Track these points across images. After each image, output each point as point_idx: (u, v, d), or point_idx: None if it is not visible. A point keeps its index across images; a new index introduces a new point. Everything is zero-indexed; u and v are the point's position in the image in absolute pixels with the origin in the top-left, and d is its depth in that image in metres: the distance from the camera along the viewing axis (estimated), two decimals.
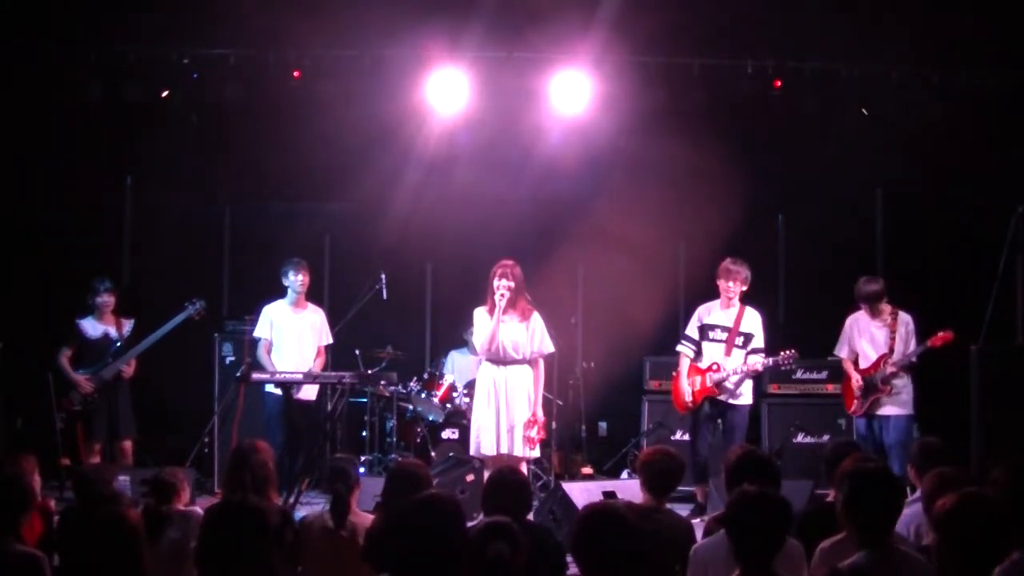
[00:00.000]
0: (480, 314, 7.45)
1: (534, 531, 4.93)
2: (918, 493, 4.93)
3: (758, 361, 7.98)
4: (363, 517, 5.10)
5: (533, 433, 7.31)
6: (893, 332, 8.11)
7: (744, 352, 8.01)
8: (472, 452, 7.52)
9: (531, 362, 7.42)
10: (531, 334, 7.39)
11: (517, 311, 7.36)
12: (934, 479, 4.49)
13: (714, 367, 7.99)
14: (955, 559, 3.36)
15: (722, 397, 7.97)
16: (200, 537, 3.63)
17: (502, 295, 7.27)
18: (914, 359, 8.06)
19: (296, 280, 8.54)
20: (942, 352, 7.89)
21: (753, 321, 8.08)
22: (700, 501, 8.03)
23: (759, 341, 8.05)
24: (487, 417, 7.34)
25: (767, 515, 3.70)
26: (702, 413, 8.05)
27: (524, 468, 7.24)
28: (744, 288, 8.08)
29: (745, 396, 8.02)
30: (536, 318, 7.43)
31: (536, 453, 7.55)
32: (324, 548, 4.97)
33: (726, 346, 8.01)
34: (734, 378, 7.94)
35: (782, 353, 8.00)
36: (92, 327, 8.69)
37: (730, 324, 8.05)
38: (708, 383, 7.98)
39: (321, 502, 5.20)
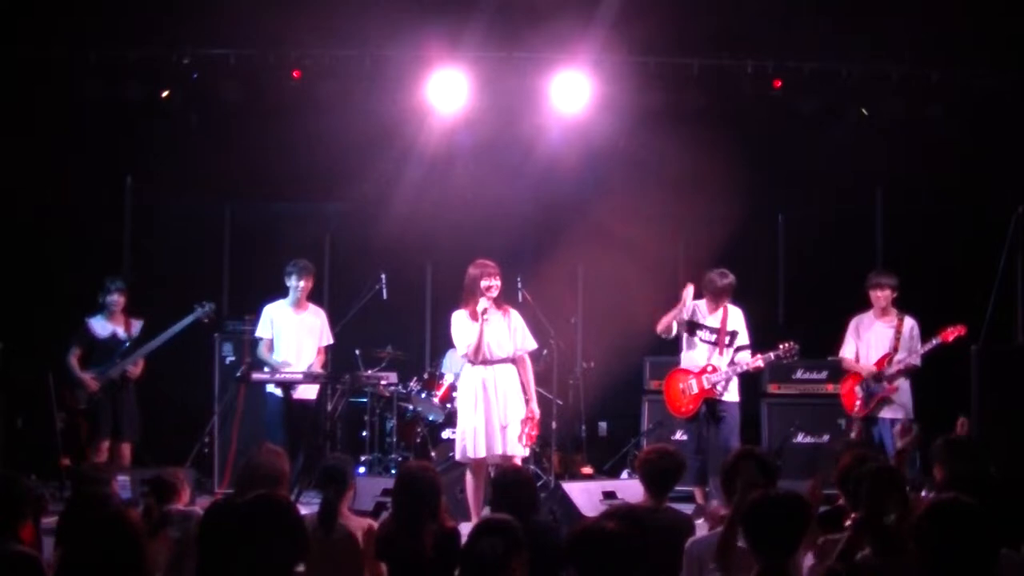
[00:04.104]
0: (461, 317, 7.38)
1: (537, 528, 4.93)
2: None
3: (745, 359, 7.97)
4: (353, 520, 5.09)
5: (528, 430, 7.26)
6: (899, 333, 8.11)
7: (731, 350, 8.03)
8: (458, 457, 7.39)
9: (516, 360, 7.37)
10: (513, 332, 7.34)
11: (499, 308, 7.33)
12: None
13: (710, 369, 8.00)
14: (933, 565, 3.34)
15: (724, 397, 7.98)
16: (200, 535, 3.63)
17: (492, 298, 7.24)
18: (918, 362, 8.04)
19: (298, 285, 8.53)
20: (952, 347, 7.87)
21: (736, 318, 8.09)
22: (700, 502, 8.03)
23: (743, 338, 8.06)
24: (476, 420, 7.22)
25: (788, 513, 3.70)
26: (701, 414, 8.06)
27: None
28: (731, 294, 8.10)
29: (733, 393, 8.03)
30: (515, 315, 7.40)
31: (525, 452, 7.50)
32: (315, 551, 4.96)
33: (718, 347, 8.01)
34: (730, 371, 7.96)
35: (782, 346, 7.99)
36: (101, 327, 8.67)
37: (718, 325, 8.06)
38: (706, 385, 7.99)
39: (318, 503, 5.21)
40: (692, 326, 8.12)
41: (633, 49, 9.27)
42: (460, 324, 7.36)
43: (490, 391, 7.24)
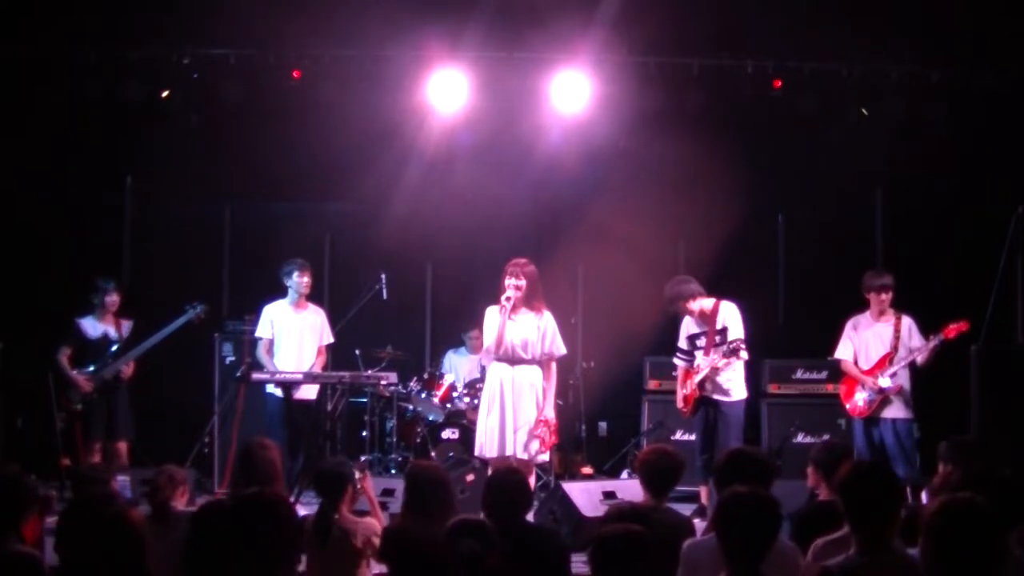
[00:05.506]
0: (491, 313, 7.34)
1: (538, 532, 4.92)
2: None
3: (714, 358, 7.85)
4: (352, 522, 5.09)
5: (543, 435, 7.20)
6: (898, 332, 8.11)
7: (721, 348, 7.96)
8: (476, 453, 7.43)
9: (542, 363, 7.31)
10: (542, 334, 7.25)
11: (531, 309, 7.25)
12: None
13: (696, 368, 7.99)
14: (941, 563, 3.34)
15: (712, 395, 7.96)
16: (190, 536, 3.63)
17: (508, 297, 7.20)
18: (922, 358, 8.00)
19: (300, 281, 8.53)
20: (954, 344, 7.85)
21: (725, 315, 7.95)
22: (703, 502, 8.03)
23: (735, 332, 7.90)
24: (491, 420, 7.22)
25: (756, 516, 3.68)
26: (700, 414, 8.05)
27: (532, 472, 7.20)
28: (694, 301, 7.95)
29: (736, 392, 7.94)
30: (548, 318, 7.29)
31: (546, 457, 7.47)
32: (311, 554, 4.98)
33: (705, 348, 7.98)
34: (704, 372, 7.88)
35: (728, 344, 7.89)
36: (92, 327, 8.69)
37: (707, 328, 8.02)
38: (693, 385, 7.99)
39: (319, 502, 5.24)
40: (691, 340, 8.11)
41: (633, 49, 9.27)
42: (488, 319, 7.33)
43: (506, 392, 7.21)
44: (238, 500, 3.71)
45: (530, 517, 5.37)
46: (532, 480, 7.03)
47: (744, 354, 7.82)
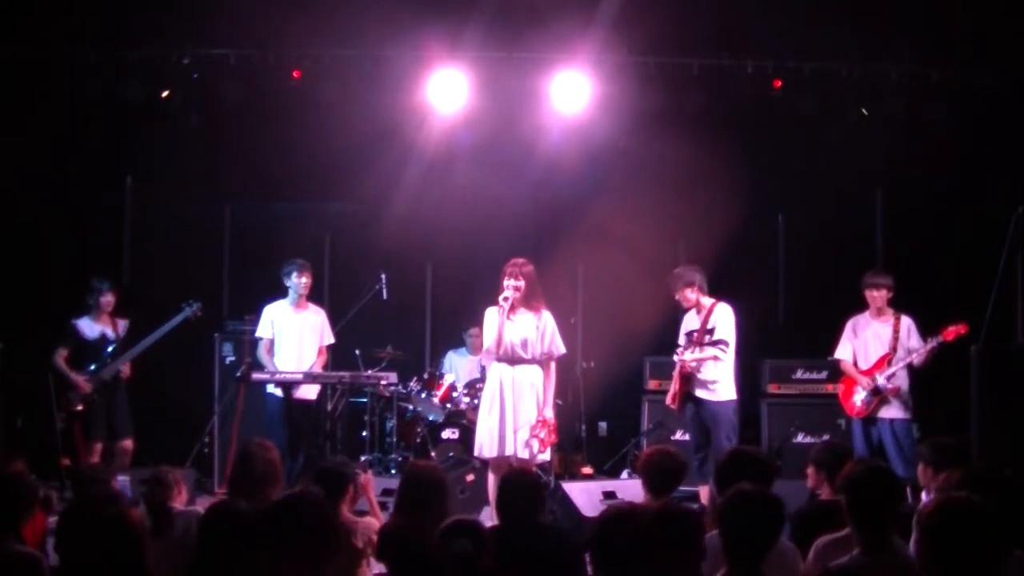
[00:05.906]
0: (490, 313, 7.34)
1: (551, 533, 4.92)
2: None
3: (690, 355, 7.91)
4: (352, 522, 5.09)
5: (543, 435, 7.21)
6: (896, 333, 8.11)
7: (704, 347, 7.95)
8: (475, 453, 7.45)
9: (542, 363, 7.30)
10: (541, 333, 7.26)
11: (530, 309, 7.26)
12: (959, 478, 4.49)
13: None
14: (938, 562, 3.33)
15: (695, 392, 7.94)
16: (200, 538, 3.64)
17: (505, 298, 7.20)
18: (919, 360, 8.01)
19: (299, 282, 8.54)
20: (954, 345, 7.85)
21: (717, 316, 7.96)
22: (702, 502, 8.02)
23: (720, 334, 7.89)
24: (490, 420, 7.22)
25: (761, 514, 3.69)
26: (689, 412, 8.05)
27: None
28: (693, 291, 7.99)
29: (722, 392, 7.91)
30: (547, 317, 7.29)
31: (546, 456, 7.47)
32: None
33: (693, 346, 7.98)
34: (678, 367, 7.90)
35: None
36: (89, 327, 8.68)
37: (698, 326, 8.03)
38: (677, 381, 7.99)
39: None
40: (688, 336, 8.11)
41: (633, 49, 9.27)
42: (488, 320, 7.32)
43: (506, 392, 7.20)
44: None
45: None
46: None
47: (719, 353, 7.83)
